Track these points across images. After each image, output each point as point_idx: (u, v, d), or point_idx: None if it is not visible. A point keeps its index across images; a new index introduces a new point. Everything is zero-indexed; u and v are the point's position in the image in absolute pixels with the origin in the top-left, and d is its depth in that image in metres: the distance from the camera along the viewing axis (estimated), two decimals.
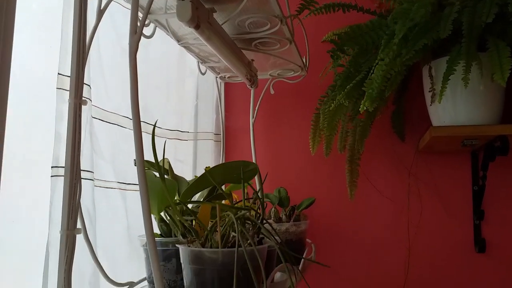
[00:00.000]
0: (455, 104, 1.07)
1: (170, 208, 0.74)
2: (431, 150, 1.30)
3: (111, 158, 0.88)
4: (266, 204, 1.12)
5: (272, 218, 1.10)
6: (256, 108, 1.38)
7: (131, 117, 0.95)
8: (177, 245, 0.64)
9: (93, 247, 0.71)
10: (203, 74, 1.23)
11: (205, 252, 0.60)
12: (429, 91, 1.09)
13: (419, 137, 1.29)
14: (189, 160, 1.24)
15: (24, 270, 0.69)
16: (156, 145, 0.67)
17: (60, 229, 0.62)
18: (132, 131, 0.95)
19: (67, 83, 0.67)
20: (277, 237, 0.70)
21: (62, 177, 0.64)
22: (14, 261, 0.67)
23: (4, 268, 0.66)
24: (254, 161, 1.35)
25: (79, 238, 0.67)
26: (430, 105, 1.12)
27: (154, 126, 0.64)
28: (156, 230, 0.81)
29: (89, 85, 0.74)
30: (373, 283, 1.31)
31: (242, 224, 0.64)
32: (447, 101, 1.07)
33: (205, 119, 1.34)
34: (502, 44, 0.92)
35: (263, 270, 0.60)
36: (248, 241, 0.62)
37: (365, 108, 0.89)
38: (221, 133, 1.41)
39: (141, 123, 0.93)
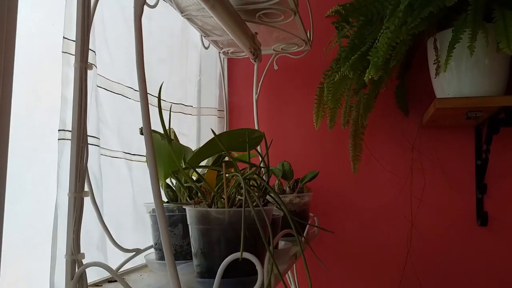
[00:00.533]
0: (459, 77, 1.06)
1: (176, 174, 0.74)
2: (435, 125, 1.30)
3: (116, 128, 0.89)
4: (271, 175, 1.13)
5: (276, 191, 1.11)
6: (260, 84, 1.38)
7: (135, 88, 0.96)
8: (184, 207, 0.65)
9: (101, 213, 0.72)
10: (206, 48, 1.23)
11: (212, 212, 0.61)
12: (434, 63, 1.09)
13: (423, 112, 1.28)
14: (193, 134, 1.24)
15: (34, 232, 0.70)
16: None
17: (68, 192, 0.63)
18: (137, 102, 0.96)
19: (72, 47, 0.67)
20: (282, 206, 0.70)
21: (69, 141, 0.65)
22: (23, 223, 0.68)
23: (14, 230, 0.67)
24: None
25: (86, 203, 0.68)
26: (435, 77, 1.12)
27: (160, 87, 0.64)
28: (163, 197, 0.81)
29: (94, 51, 0.74)
30: (376, 256, 1.32)
31: (249, 186, 0.64)
32: (451, 74, 1.07)
33: (208, 95, 1.34)
34: (508, 13, 0.92)
35: (270, 230, 0.61)
36: (255, 202, 0.62)
37: (370, 76, 0.89)
38: (225, 109, 1.41)
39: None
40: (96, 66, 0.76)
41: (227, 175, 0.67)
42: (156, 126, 0.70)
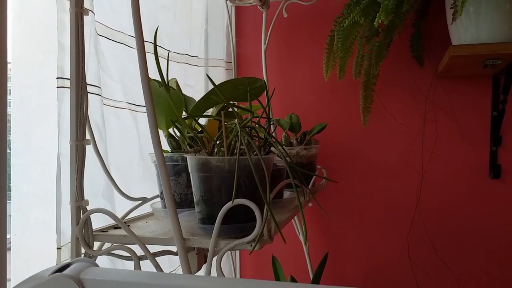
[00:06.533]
0: (477, 22, 1.00)
1: (175, 123, 0.74)
2: (450, 75, 1.25)
3: (119, 78, 0.87)
4: (276, 126, 1.12)
5: (283, 143, 1.10)
6: (268, 33, 1.33)
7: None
8: (184, 155, 0.65)
9: (104, 162, 0.73)
10: None
11: (211, 160, 0.61)
12: (451, 8, 1.03)
13: (438, 62, 1.23)
14: (200, 86, 1.23)
15: (38, 180, 0.71)
16: (162, 67, 0.65)
17: (69, 140, 0.63)
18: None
19: None
20: (282, 155, 0.69)
21: (68, 89, 0.64)
22: (29, 171, 0.70)
23: (20, 178, 0.68)
24: None
25: (90, 152, 0.68)
26: (452, 23, 1.06)
27: (156, 32, 0.62)
28: (167, 147, 0.81)
29: None
30: (385, 208, 1.33)
31: (248, 135, 0.63)
32: (469, 20, 1.01)
33: (215, 45, 1.31)
34: None
35: (267, 178, 0.61)
36: (255, 152, 0.62)
37: (380, 21, 0.84)
38: (233, 61, 1.38)
39: (147, 43, 0.91)
40: (93, 13, 0.73)
41: (226, 124, 0.67)
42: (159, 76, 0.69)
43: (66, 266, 0.38)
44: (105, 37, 0.83)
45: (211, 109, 0.85)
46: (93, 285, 0.35)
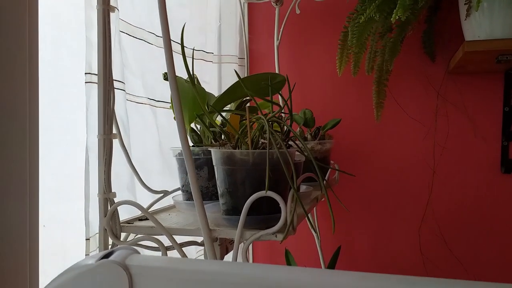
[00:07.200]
0: (491, 18, 1.01)
1: (200, 117, 0.75)
2: (462, 71, 1.26)
3: (140, 74, 0.89)
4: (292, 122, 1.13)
5: None
6: (281, 29, 1.35)
7: (156, 33, 0.95)
8: (209, 149, 0.66)
9: (129, 155, 0.74)
10: None
11: (236, 153, 0.62)
12: (465, 4, 1.03)
13: (450, 58, 1.24)
14: (214, 82, 1.24)
15: (66, 174, 0.73)
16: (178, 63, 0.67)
17: (97, 134, 0.65)
18: (158, 48, 0.95)
19: None
20: (305, 150, 0.71)
21: (96, 84, 0.66)
22: (55, 165, 0.71)
23: (46, 172, 0.70)
24: None
25: (115, 146, 0.70)
26: (465, 19, 1.06)
27: (183, 29, 0.63)
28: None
29: None
30: (396, 203, 1.34)
31: (271, 129, 0.65)
32: (483, 15, 1.02)
33: (228, 42, 1.32)
34: None
35: (294, 171, 0.62)
36: (278, 145, 0.63)
37: (397, 17, 0.85)
38: (245, 57, 1.40)
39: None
40: (118, 10, 0.75)
41: (251, 118, 0.68)
42: (179, 72, 0.70)
43: (109, 253, 0.40)
44: (126, 34, 0.85)
45: (229, 105, 0.87)
46: (138, 271, 0.37)
